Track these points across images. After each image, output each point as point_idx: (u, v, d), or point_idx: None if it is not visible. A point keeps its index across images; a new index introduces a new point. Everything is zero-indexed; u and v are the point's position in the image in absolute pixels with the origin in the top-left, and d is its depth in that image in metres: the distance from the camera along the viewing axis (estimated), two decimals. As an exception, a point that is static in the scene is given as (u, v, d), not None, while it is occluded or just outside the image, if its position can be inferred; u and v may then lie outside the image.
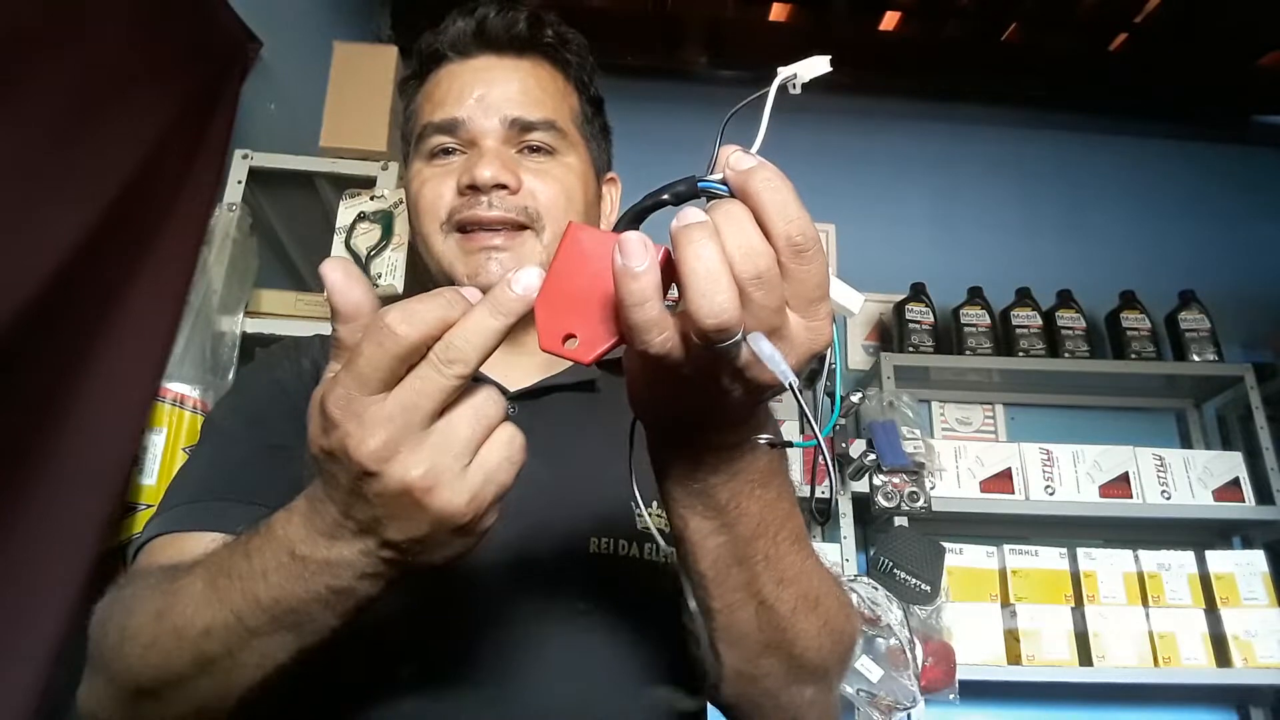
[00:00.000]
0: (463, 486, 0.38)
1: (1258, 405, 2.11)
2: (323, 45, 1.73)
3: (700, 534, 0.47)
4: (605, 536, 0.64)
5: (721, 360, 0.37)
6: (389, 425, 0.37)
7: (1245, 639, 1.88)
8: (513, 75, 0.75)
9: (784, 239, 0.36)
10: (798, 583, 0.51)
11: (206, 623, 0.45)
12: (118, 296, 1.26)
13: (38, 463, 1.13)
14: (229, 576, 0.45)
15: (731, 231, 0.35)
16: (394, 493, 0.38)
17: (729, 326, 0.35)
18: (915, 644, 1.68)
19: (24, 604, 1.06)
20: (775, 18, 2.75)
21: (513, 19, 0.75)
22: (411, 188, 0.75)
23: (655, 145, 2.25)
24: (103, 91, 1.21)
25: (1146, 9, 2.60)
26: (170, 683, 0.47)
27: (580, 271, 0.39)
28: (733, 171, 0.37)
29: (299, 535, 0.42)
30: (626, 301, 0.36)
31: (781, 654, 0.52)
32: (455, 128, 0.73)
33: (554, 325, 0.39)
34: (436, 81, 0.77)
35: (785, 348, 0.37)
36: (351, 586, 0.42)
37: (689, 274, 0.35)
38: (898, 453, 1.86)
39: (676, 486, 0.46)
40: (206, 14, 1.51)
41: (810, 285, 0.37)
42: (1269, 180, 2.77)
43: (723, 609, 0.49)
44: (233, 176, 1.57)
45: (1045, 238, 2.65)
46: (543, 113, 0.74)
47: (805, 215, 0.36)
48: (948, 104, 2.80)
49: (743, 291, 0.35)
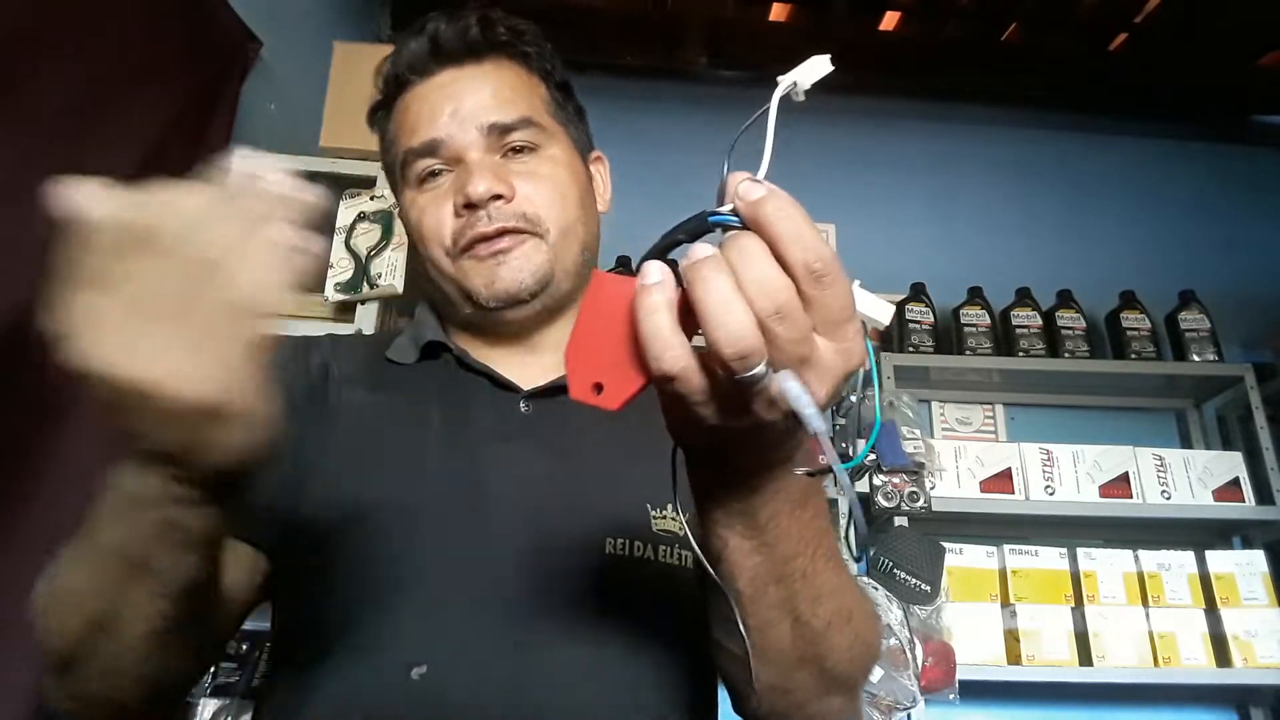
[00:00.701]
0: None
1: (1258, 405, 2.11)
2: (323, 45, 1.73)
3: (739, 553, 0.46)
4: (621, 538, 0.64)
5: (752, 393, 0.36)
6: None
7: (1245, 639, 1.88)
8: (480, 83, 0.75)
9: (802, 268, 0.35)
10: (833, 599, 0.51)
11: (81, 582, 0.48)
12: (118, 296, 1.26)
13: (38, 463, 1.13)
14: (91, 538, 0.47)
15: (745, 266, 0.35)
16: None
17: (749, 354, 0.34)
18: (915, 644, 1.68)
19: (25, 604, 1.06)
20: (775, 18, 2.75)
21: (464, 26, 0.75)
22: (411, 218, 0.75)
23: (655, 145, 2.26)
24: (103, 91, 1.21)
25: (1146, 9, 2.60)
26: (75, 651, 0.49)
27: (607, 317, 0.39)
28: (743, 203, 0.36)
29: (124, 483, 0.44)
30: (639, 314, 0.36)
31: (814, 668, 0.52)
32: (436, 148, 0.73)
33: (583, 374, 0.40)
34: (405, 107, 0.76)
35: (816, 375, 0.37)
36: (165, 515, 0.43)
37: (704, 308, 0.34)
38: (898, 453, 1.86)
39: (716, 507, 0.46)
40: (206, 14, 1.51)
41: (835, 309, 0.36)
42: (1269, 180, 2.76)
43: (759, 626, 0.49)
44: (233, 176, 1.57)
45: (1045, 238, 2.65)
46: (517, 112, 0.74)
47: (821, 240, 0.35)
48: (948, 104, 2.80)
49: (764, 327, 0.35)
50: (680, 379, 0.36)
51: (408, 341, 0.77)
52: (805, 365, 0.36)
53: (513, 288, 0.71)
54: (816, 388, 0.37)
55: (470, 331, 0.78)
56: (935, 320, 2.28)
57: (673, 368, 0.36)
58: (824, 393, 0.37)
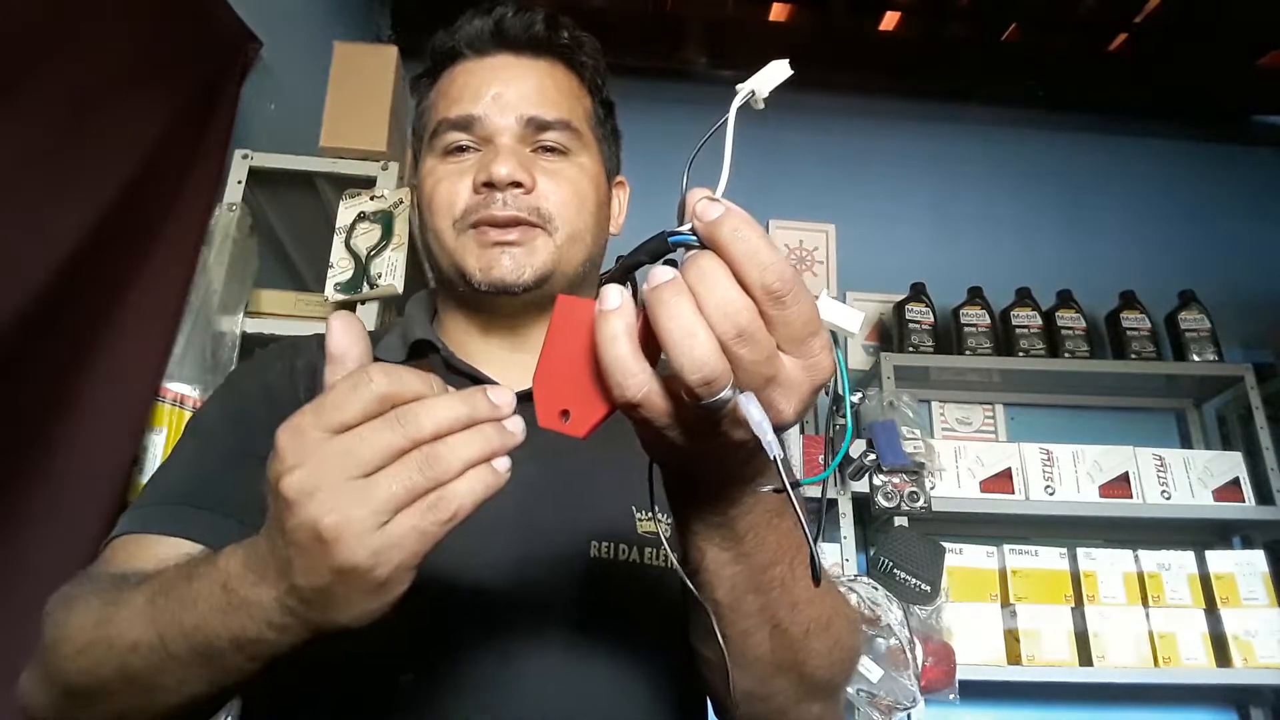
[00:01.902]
0: (369, 544, 0.37)
1: (1258, 405, 2.11)
2: (323, 45, 1.72)
3: (717, 564, 0.47)
4: (606, 541, 0.64)
5: (721, 415, 0.36)
6: (321, 463, 0.37)
7: (1245, 639, 1.88)
8: (529, 74, 0.75)
9: (760, 288, 0.35)
10: (811, 606, 0.51)
11: (135, 638, 0.45)
12: (118, 296, 1.27)
13: (39, 463, 1.13)
14: (166, 596, 0.45)
15: (706, 289, 0.35)
16: (303, 532, 0.37)
17: (713, 380, 0.34)
18: (915, 644, 1.68)
19: (25, 604, 1.06)
20: (775, 18, 2.75)
21: (530, 19, 0.75)
22: (425, 184, 0.75)
23: (655, 145, 2.25)
24: (103, 91, 1.21)
25: (1146, 9, 2.60)
26: (95, 690, 0.48)
27: (571, 342, 0.39)
28: (700, 223, 0.35)
29: (236, 570, 0.42)
30: (599, 342, 0.36)
31: (793, 675, 0.53)
32: (471, 124, 0.73)
33: (550, 401, 0.40)
34: (452, 78, 0.76)
35: (783, 393, 0.36)
36: (262, 635, 0.41)
37: (666, 334, 0.34)
38: (898, 453, 1.86)
39: (694, 519, 0.46)
40: (206, 14, 1.51)
41: (797, 326, 0.36)
42: (1269, 180, 2.77)
43: (737, 635, 0.49)
44: (233, 176, 1.57)
45: (1045, 238, 2.65)
46: (558, 113, 0.74)
47: (778, 258, 0.35)
48: (948, 104, 2.80)
49: (727, 349, 0.34)
50: (644, 405, 0.36)
51: (396, 339, 0.76)
52: (772, 384, 0.36)
53: (510, 278, 0.71)
54: (784, 405, 0.37)
55: (464, 313, 0.77)
56: (935, 320, 2.28)
57: (635, 395, 0.36)
58: (792, 409, 0.37)
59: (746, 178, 2.35)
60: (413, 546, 0.37)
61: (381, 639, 0.58)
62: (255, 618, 0.41)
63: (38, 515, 1.11)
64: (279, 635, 0.41)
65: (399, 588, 0.39)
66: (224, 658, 0.43)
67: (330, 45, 1.70)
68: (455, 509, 0.38)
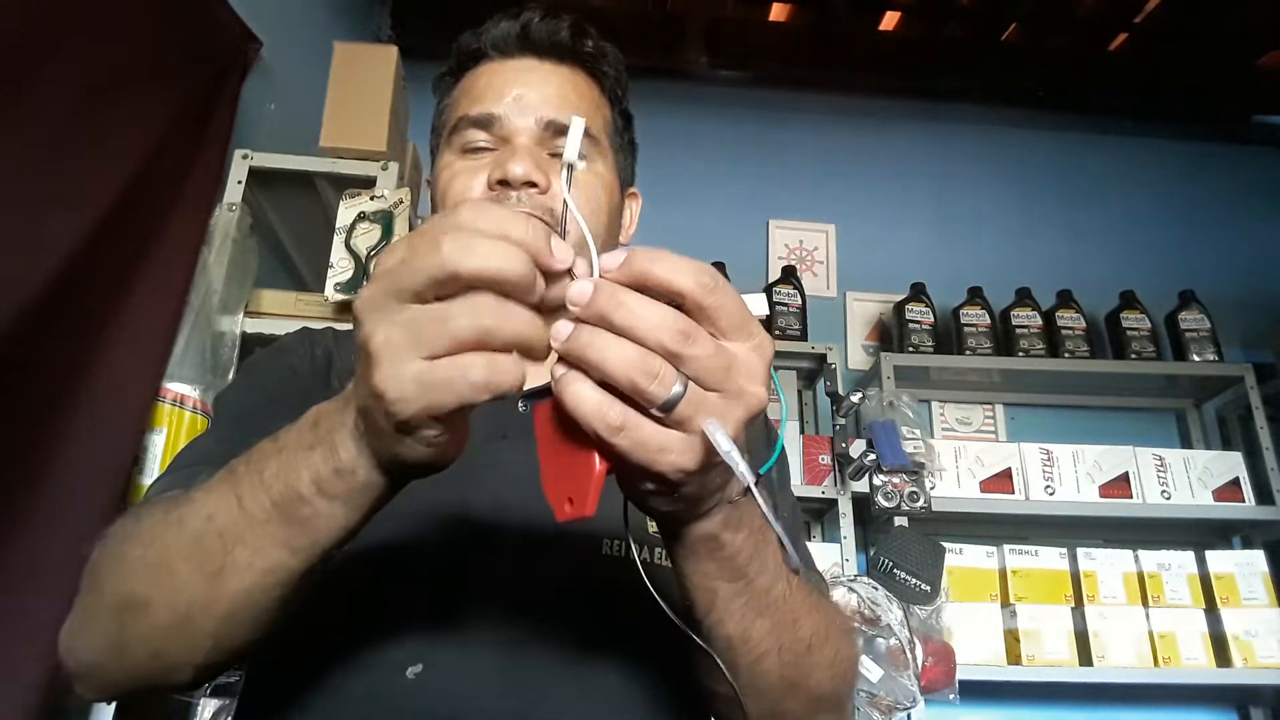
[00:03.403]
0: (400, 373, 0.37)
1: (1258, 405, 2.11)
2: (323, 45, 1.72)
3: (727, 597, 0.48)
4: (617, 539, 0.64)
5: (682, 421, 0.38)
6: (392, 279, 0.37)
7: (1245, 639, 1.88)
8: (552, 79, 0.76)
9: (680, 293, 0.37)
10: (809, 617, 0.53)
11: (211, 509, 0.45)
12: (118, 296, 1.27)
13: (40, 463, 1.13)
14: (247, 461, 0.45)
15: (624, 316, 0.36)
16: (360, 345, 0.38)
17: (656, 371, 0.36)
18: (915, 644, 1.68)
19: (26, 603, 1.06)
20: (775, 18, 2.75)
21: (556, 26, 0.76)
22: (441, 179, 0.76)
23: (655, 145, 2.25)
24: (103, 92, 1.21)
25: (1146, 9, 2.60)
26: (163, 582, 0.47)
27: (555, 436, 0.41)
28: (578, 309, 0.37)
29: (327, 406, 0.43)
30: (564, 399, 0.38)
31: (801, 693, 0.54)
32: (490, 123, 0.74)
33: (557, 496, 0.42)
34: (475, 77, 0.77)
35: (746, 377, 0.38)
36: (341, 467, 0.42)
37: (597, 358, 0.36)
38: (898, 453, 1.86)
39: (699, 566, 0.47)
40: (206, 14, 1.51)
41: (733, 311, 0.38)
42: (1269, 180, 2.77)
43: (747, 666, 0.51)
44: (233, 176, 1.57)
45: (1045, 238, 2.66)
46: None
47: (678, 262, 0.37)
48: (948, 104, 2.80)
49: (677, 355, 0.36)
50: (627, 429, 0.37)
51: None
52: (733, 371, 0.38)
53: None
54: (752, 387, 0.39)
55: None
56: (935, 320, 2.28)
57: (618, 420, 0.37)
58: (764, 389, 0.39)
59: (747, 178, 2.37)
60: (439, 398, 0.37)
61: (389, 632, 0.59)
62: (336, 445, 0.42)
63: (39, 515, 1.11)
64: (355, 471, 0.42)
65: (426, 432, 0.39)
66: (301, 507, 0.43)
67: (330, 45, 1.70)
68: (488, 379, 0.37)
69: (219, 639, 0.47)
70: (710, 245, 2.37)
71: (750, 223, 2.61)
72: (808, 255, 2.59)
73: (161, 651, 0.49)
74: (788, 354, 2.12)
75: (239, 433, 0.64)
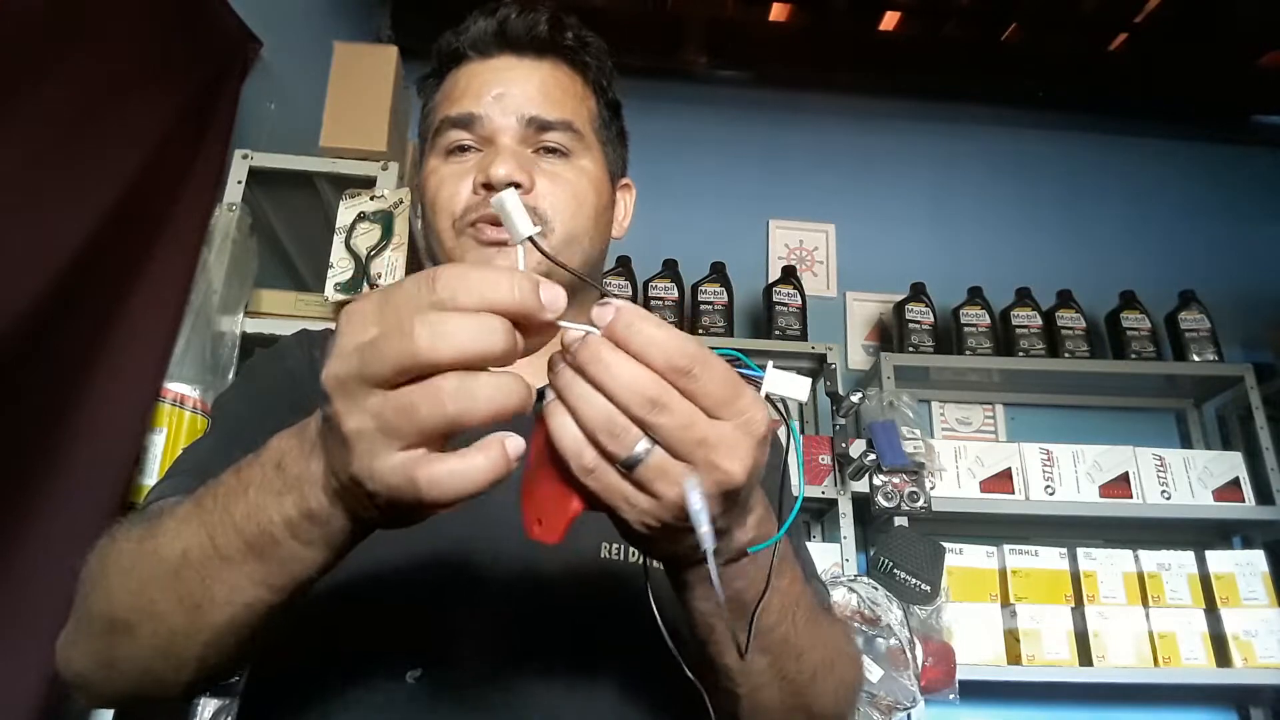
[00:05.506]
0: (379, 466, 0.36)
1: (1258, 405, 2.11)
2: (323, 45, 1.73)
3: (723, 633, 0.49)
4: (616, 543, 0.64)
5: (649, 480, 0.38)
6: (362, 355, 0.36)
7: (1245, 639, 1.88)
8: (532, 75, 0.75)
9: (665, 367, 0.37)
10: (813, 651, 0.53)
11: (184, 545, 0.44)
12: (119, 297, 1.27)
13: (41, 464, 1.13)
14: (214, 496, 0.44)
15: (600, 370, 0.37)
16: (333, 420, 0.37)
17: (619, 432, 0.36)
18: (915, 644, 1.68)
19: (26, 603, 1.06)
20: (775, 18, 2.75)
21: (534, 20, 0.75)
22: (428, 184, 0.75)
23: (655, 145, 2.25)
24: (103, 92, 1.21)
25: (1146, 9, 2.60)
26: (144, 610, 0.46)
27: (546, 455, 0.41)
28: (603, 327, 0.37)
29: (290, 446, 0.42)
30: (550, 427, 0.38)
31: (802, 716, 0.55)
32: (471, 123, 0.73)
33: (531, 512, 0.42)
34: (455, 79, 0.77)
35: (725, 452, 0.38)
36: (312, 511, 0.40)
37: (570, 401, 0.37)
38: (898, 453, 1.86)
39: (702, 600, 0.47)
40: (206, 14, 1.51)
41: (715, 392, 0.37)
42: (1269, 180, 2.77)
43: (748, 693, 0.51)
44: (233, 176, 1.57)
45: (1045, 238, 2.66)
46: (560, 114, 0.74)
47: (676, 337, 0.37)
48: (948, 104, 2.80)
49: (645, 420, 0.36)
50: (598, 473, 0.38)
51: None
52: (705, 446, 0.37)
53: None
54: (729, 464, 0.38)
55: None
56: (935, 320, 2.28)
57: (591, 461, 0.38)
58: (740, 466, 0.38)
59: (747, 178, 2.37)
60: (407, 488, 0.36)
61: (389, 635, 0.59)
62: (306, 494, 0.40)
63: (40, 514, 1.11)
64: (329, 520, 0.41)
65: (402, 510, 0.38)
66: (276, 549, 0.42)
67: (330, 45, 1.70)
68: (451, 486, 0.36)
69: (205, 660, 0.47)
70: (710, 245, 2.37)
71: (750, 223, 2.61)
72: (808, 255, 2.59)
73: (151, 670, 0.49)
74: (788, 354, 2.12)
75: (237, 438, 0.64)
